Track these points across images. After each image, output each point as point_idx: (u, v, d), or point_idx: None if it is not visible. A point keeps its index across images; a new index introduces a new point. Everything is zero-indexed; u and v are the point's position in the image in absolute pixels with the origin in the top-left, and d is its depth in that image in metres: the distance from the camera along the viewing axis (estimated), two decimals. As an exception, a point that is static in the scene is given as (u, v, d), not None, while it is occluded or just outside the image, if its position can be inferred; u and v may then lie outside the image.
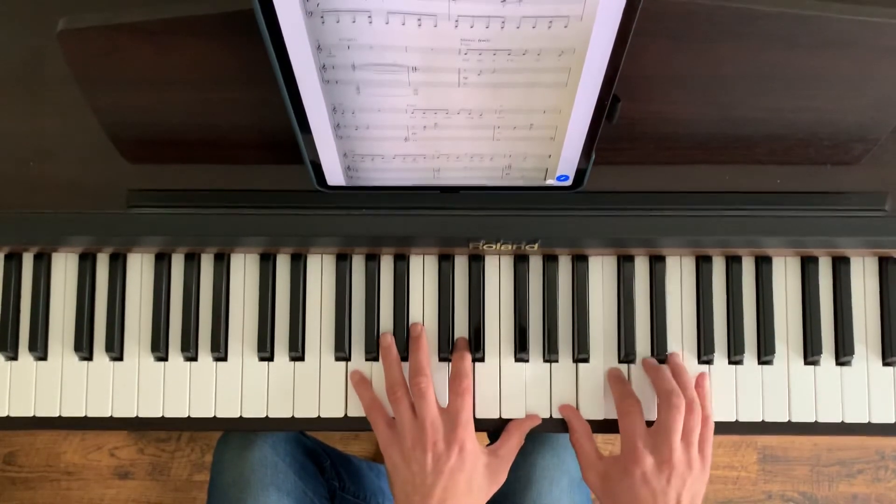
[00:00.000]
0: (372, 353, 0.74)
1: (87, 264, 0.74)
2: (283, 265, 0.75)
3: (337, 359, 0.74)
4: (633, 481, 0.67)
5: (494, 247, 0.70)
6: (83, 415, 0.74)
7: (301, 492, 0.83)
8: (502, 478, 0.71)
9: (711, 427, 0.70)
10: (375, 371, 0.74)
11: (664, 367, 0.73)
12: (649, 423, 0.70)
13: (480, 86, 0.53)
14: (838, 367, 0.74)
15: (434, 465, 0.66)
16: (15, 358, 0.75)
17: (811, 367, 0.74)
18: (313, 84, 0.53)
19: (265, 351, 0.74)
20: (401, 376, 0.71)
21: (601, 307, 0.75)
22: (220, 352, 0.74)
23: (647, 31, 0.54)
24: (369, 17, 0.47)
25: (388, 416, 0.71)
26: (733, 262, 0.75)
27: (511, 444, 0.71)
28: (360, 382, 0.73)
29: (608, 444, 1.44)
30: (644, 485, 0.67)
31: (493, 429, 0.75)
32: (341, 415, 0.74)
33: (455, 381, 0.70)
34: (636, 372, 0.74)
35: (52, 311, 0.75)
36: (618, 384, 0.73)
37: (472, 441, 0.68)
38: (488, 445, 0.72)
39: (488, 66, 0.51)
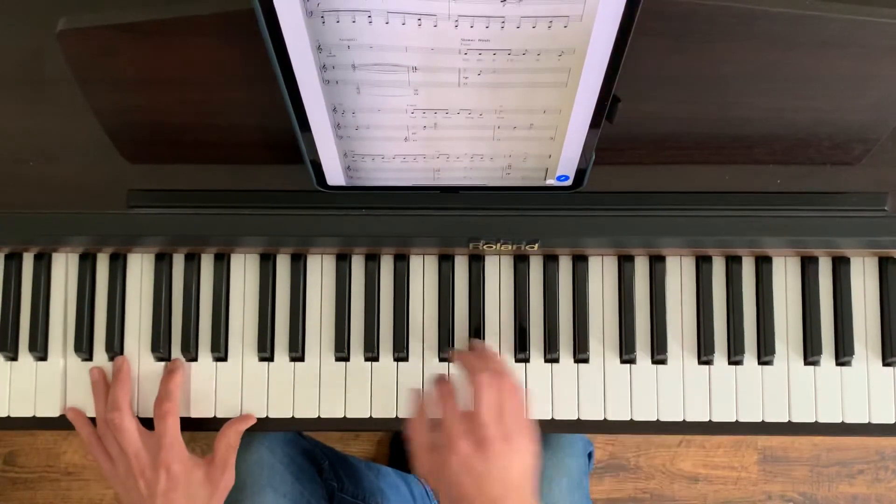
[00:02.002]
0: (372, 352, 0.74)
1: (87, 264, 0.74)
2: (283, 265, 0.75)
3: (337, 359, 0.74)
4: (456, 470, 0.62)
5: (494, 247, 0.70)
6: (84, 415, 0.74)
7: (298, 493, 0.83)
8: (228, 480, 0.72)
9: (523, 395, 0.66)
10: (376, 372, 0.74)
11: (481, 346, 0.72)
12: None
13: (480, 86, 0.53)
14: (838, 368, 0.74)
15: (147, 490, 0.69)
16: (15, 358, 0.75)
17: (811, 368, 0.74)
18: (313, 84, 0.53)
19: (265, 351, 0.74)
20: (104, 412, 0.72)
21: (601, 307, 0.75)
22: (220, 352, 0.74)
23: (647, 31, 0.54)
24: (369, 17, 0.47)
25: (106, 450, 0.72)
26: (733, 262, 0.75)
27: (221, 447, 0.72)
28: (77, 418, 0.74)
29: (609, 445, 1.44)
30: (466, 473, 0.62)
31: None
32: (341, 415, 0.74)
33: (157, 405, 0.71)
34: (637, 372, 0.74)
35: (52, 311, 0.75)
36: (462, 356, 0.70)
37: (179, 460, 0.70)
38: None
39: (488, 66, 0.51)
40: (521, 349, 0.74)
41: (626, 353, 0.74)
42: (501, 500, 0.62)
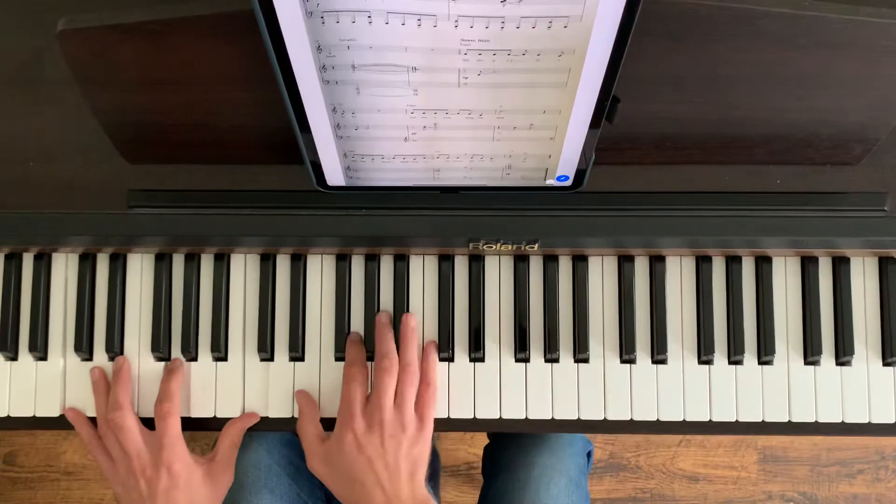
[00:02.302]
0: (371, 353, 0.74)
1: (87, 264, 0.74)
2: (283, 265, 0.75)
3: (337, 359, 0.74)
4: (349, 449, 0.66)
5: (494, 247, 0.70)
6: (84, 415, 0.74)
7: (295, 494, 0.83)
8: (229, 478, 0.72)
9: (433, 392, 0.70)
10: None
11: (387, 330, 0.72)
12: None
13: (480, 86, 0.53)
14: (838, 368, 0.74)
15: (148, 489, 0.68)
16: (15, 358, 0.75)
17: (811, 367, 0.74)
18: (313, 84, 0.53)
19: (265, 351, 0.74)
20: (104, 412, 0.72)
21: (601, 307, 0.75)
22: (220, 352, 0.74)
23: (647, 31, 0.54)
24: (369, 17, 0.47)
25: (107, 450, 0.72)
26: (733, 262, 0.75)
27: (224, 445, 0.72)
28: (76, 419, 0.74)
29: (609, 445, 1.44)
30: (359, 452, 0.65)
31: (495, 429, 0.75)
32: (341, 415, 0.74)
33: (157, 404, 0.71)
34: (637, 372, 0.74)
35: (52, 311, 0.75)
36: (353, 347, 0.72)
37: (180, 459, 0.69)
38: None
39: (488, 66, 0.51)
40: (521, 349, 0.74)
41: (626, 353, 0.74)
42: (389, 484, 0.64)
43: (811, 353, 0.74)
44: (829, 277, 0.75)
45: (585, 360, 0.74)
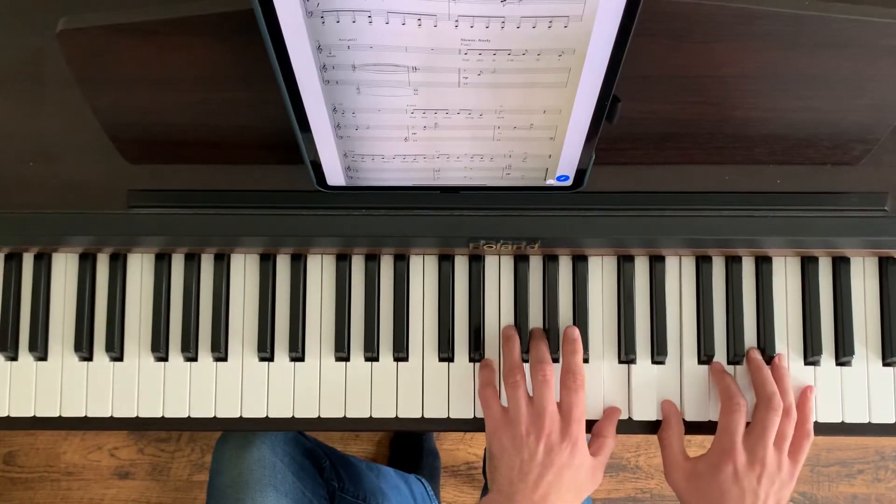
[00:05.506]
0: (372, 353, 0.74)
1: (87, 264, 0.74)
2: (283, 265, 0.75)
3: (337, 359, 0.74)
4: (724, 478, 0.67)
5: (494, 247, 0.70)
6: (83, 415, 0.74)
7: (299, 492, 0.83)
8: (599, 480, 0.71)
9: (808, 439, 0.70)
10: (376, 372, 0.74)
11: (767, 368, 0.72)
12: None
13: (480, 86, 0.53)
14: (838, 368, 0.74)
15: (545, 456, 0.66)
16: (15, 358, 0.75)
17: (811, 368, 0.74)
18: (313, 84, 0.53)
19: (265, 351, 0.74)
20: (520, 362, 0.71)
21: (601, 307, 0.75)
22: (220, 352, 0.74)
23: (647, 31, 0.54)
24: (369, 17, 0.47)
25: (499, 401, 0.70)
26: (733, 262, 0.75)
27: (607, 445, 0.71)
28: (486, 365, 0.73)
29: (608, 445, 1.44)
30: (734, 482, 0.67)
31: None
32: (341, 415, 0.74)
33: (568, 376, 0.69)
34: (637, 372, 0.74)
35: (52, 311, 0.75)
36: (723, 379, 0.72)
37: (584, 440, 0.68)
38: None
39: (488, 66, 0.51)
40: (521, 349, 0.74)
41: (626, 353, 0.74)
42: None
43: (811, 353, 0.74)
44: (829, 277, 0.75)
45: (585, 361, 0.74)
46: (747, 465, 0.67)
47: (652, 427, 0.74)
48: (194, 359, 0.74)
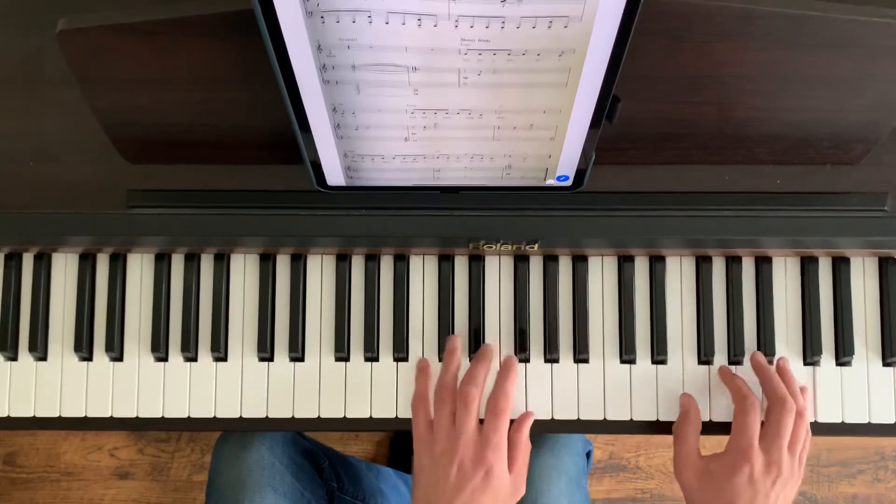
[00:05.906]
0: (371, 353, 0.74)
1: (87, 264, 0.74)
2: (283, 265, 0.75)
3: (337, 359, 0.74)
4: (740, 479, 0.67)
5: (494, 247, 0.70)
6: (83, 415, 0.74)
7: (298, 492, 0.83)
8: (523, 491, 0.70)
9: (809, 441, 0.71)
10: (376, 372, 0.74)
11: (774, 370, 0.72)
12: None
13: (480, 86, 0.53)
14: (838, 368, 0.74)
15: (457, 480, 0.65)
16: (15, 358, 0.75)
17: (811, 368, 0.74)
18: (313, 84, 0.53)
19: (265, 351, 0.74)
20: (453, 381, 0.70)
21: (601, 307, 0.75)
22: (220, 352, 0.74)
23: (647, 31, 0.54)
24: (369, 17, 0.47)
25: (429, 415, 0.70)
26: (733, 262, 0.75)
27: (520, 456, 0.70)
28: (422, 372, 0.72)
29: (609, 446, 1.44)
30: (750, 484, 0.67)
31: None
32: (341, 415, 0.74)
33: (492, 399, 0.68)
34: (637, 372, 0.74)
35: (52, 311, 0.75)
36: (733, 380, 0.72)
37: (501, 465, 0.67)
38: None
39: (488, 66, 0.51)
40: (521, 349, 0.74)
41: (626, 354, 0.74)
42: None
43: (811, 354, 0.74)
44: (829, 277, 0.75)
45: (585, 361, 0.74)
46: (764, 468, 0.67)
47: (652, 427, 0.74)
48: (194, 359, 0.74)
